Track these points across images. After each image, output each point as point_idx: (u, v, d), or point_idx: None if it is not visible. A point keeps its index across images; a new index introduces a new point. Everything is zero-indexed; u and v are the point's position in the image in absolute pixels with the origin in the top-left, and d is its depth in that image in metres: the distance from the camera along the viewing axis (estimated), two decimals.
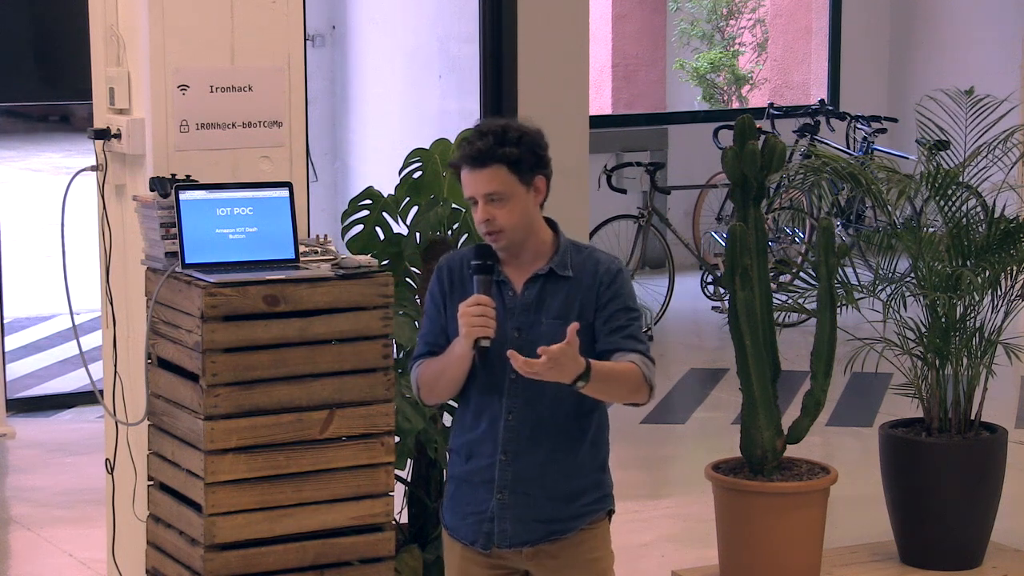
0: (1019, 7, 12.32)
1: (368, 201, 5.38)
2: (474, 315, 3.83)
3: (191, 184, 4.67)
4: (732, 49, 16.26)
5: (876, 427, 6.98)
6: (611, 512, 4.11)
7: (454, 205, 5.29)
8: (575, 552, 4.02)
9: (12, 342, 10.12)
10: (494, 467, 3.98)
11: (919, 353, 6.30)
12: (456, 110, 10.25)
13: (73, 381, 9.38)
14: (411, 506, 5.36)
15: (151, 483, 4.82)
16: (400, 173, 5.35)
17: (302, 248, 4.72)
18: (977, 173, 6.45)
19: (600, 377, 3.83)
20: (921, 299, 6.29)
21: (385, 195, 5.38)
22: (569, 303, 3.95)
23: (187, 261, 4.56)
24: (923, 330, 6.29)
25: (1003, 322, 6.33)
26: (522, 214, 3.91)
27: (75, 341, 5.11)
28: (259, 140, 5.01)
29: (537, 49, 9.78)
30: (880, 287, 6.39)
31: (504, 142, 3.88)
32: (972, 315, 6.27)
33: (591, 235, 10.38)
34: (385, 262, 5.22)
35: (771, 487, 5.87)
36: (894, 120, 12.09)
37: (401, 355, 5.26)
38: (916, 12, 13.25)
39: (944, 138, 6.58)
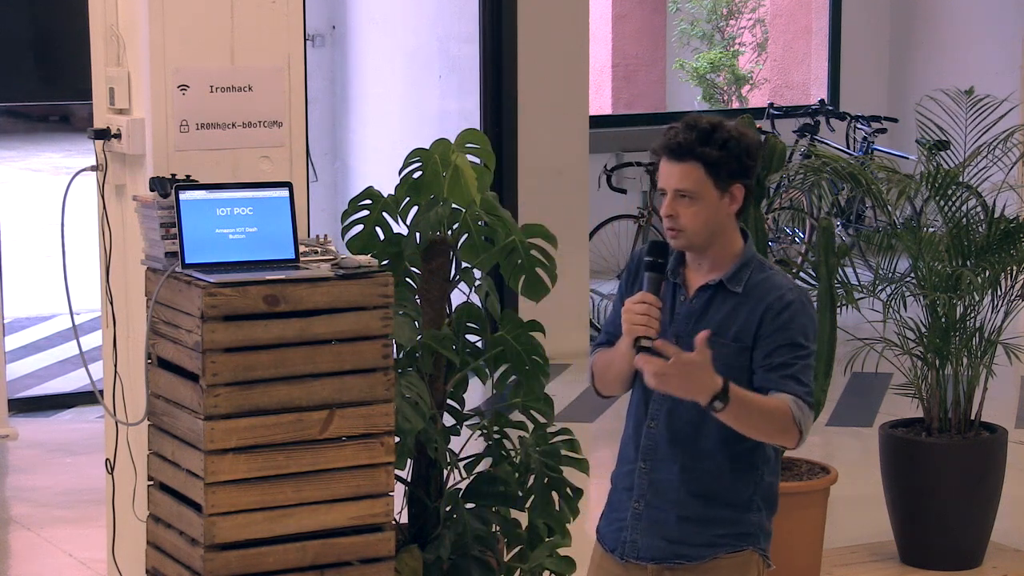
0: (1019, 7, 12.32)
1: (368, 201, 5.37)
2: (637, 312, 3.62)
3: (191, 184, 4.66)
4: (732, 49, 16.27)
5: (876, 427, 6.98)
6: (762, 552, 3.82)
7: (454, 205, 5.28)
8: None
9: (12, 342, 10.13)
10: (634, 474, 3.83)
11: (919, 353, 6.30)
12: (456, 110, 10.26)
13: (73, 381, 9.38)
14: (411, 506, 5.35)
15: (151, 483, 4.82)
16: (400, 173, 5.34)
17: (302, 248, 4.71)
18: (977, 173, 6.45)
19: (741, 404, 3.60)
20: (921, 299, 6.29)
21: (385, 195, 5.37)
22: (729, 321, 3.74)
23: (187, 261, 4.56)
24: (923, 330, 6.29)
25: (1003, 322, 6.34)
26: (708, 218, 3.72)
27: (75, 341, 5.10)
28: (259, 140, 5.00)
29: (537, 49, 9.79)
30: (880, 287, 6.39)
31: (707, 141, 3.68)
32: (972, 315, 6.27)
33: (591, 235, 10.39)
34: (385, 262, 5.21)
35: None
36: (894, 120, 12.09)
37: (401, 355, 5.25)
38: (916, 12, 13.25)
39: (944, 138, 6.58)
